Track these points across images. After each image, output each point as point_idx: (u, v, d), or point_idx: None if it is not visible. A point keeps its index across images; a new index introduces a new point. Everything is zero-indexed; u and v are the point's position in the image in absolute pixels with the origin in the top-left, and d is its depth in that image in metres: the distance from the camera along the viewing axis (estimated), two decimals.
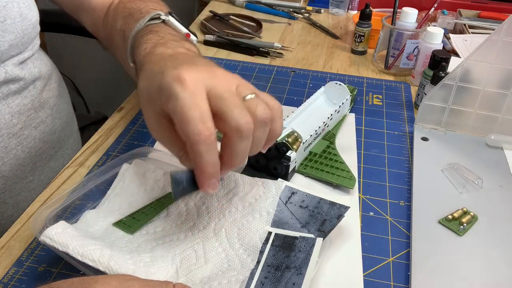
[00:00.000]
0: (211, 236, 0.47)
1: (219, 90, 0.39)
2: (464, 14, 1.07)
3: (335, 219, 0.48)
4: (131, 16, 0.58)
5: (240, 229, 0.47)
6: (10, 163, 0.63)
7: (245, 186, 0.50)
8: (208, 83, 0.40)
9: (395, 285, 0.46)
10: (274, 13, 1.16)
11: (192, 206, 0.50)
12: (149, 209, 0.51)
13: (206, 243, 0.46)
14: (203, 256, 0.45)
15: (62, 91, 0.74)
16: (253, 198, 0.49)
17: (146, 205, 0.51)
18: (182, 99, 0.38)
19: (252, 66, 0.88)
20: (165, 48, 0.49)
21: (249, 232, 0.46)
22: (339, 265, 0.48)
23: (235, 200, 0.49)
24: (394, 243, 0.51)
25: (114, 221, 0.49)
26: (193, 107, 0.38)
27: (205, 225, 0.48)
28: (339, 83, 0.70)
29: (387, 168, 0.62)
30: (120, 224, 0.49)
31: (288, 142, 0.57)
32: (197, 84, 0.39)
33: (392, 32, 0.88)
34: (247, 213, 0.48)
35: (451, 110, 0.68)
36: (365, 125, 0.71)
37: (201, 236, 0.47)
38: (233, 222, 0.47)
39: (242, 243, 0.46)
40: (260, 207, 0.48)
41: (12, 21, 0.57)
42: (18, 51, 0.60)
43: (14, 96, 0.61)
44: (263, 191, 0.49)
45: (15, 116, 0.61)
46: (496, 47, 0.62)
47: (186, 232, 0.48)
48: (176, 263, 0.44)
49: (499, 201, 0.56)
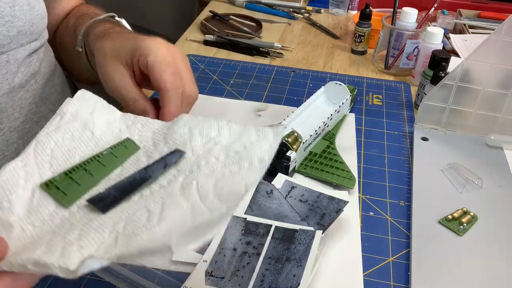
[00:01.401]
0: (176, 192, 0.36)
1: (182, 60, 0.54)
2: (464, 14, 1.07)
3: (334, 213, 0.49)
4: (86, 15, 0.66)
5: (218, 181, 0.36)
6: (11, 157, 0.63)
7: (231, 134, 0.41)
8: (175, 53, 0.54)
9: (395, 285, 0.46)
10: (274, 13, 1.16)
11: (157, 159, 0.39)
12: (95, 166, 0.37)
13: (167, 200, 0.35)
14: (158, 214, 0.33)
15: (65, 88, 0.75)
16: (242, 146, 0.39)
17: (91, 157, 0.38)
18: (160, 56, 0.51)
19: (252, 66, 0.88)
20: (121, 28, 0.60)
21: (232, 182, 0.36)
22: (339, 265, 0.48)
23: (216, 149, 0.39)
24: (394, 243, 0.51)
25: (43, 179, 0.35)
26: (170, 64, 0.51)
27: (170, 179, 0.37)
28: (339, 83, 0.70)
29: (387, 168, 0.62)
30: (51, 187, 0.35)
31: (288, 142, 0.57)
32: (169, 50, 0.53)
33: (392, 32, 0.88)
34: (231, 163, 0.38)
35: (451, 110, 0.68)
36: (365, 125, 0.71)
37: (163, 193, 0.36)
38: (210, 173, 0.37)
39: (219, 194, 0.35)
40: (250, 155, 0.38)
41: (21, 8, 0.58)
42: (27, 40, 0.60)
43: (17, 90, 0.61)
44: (256, 138, 0.40)
45: (16, 110, 0.62)
46: (496, 47, 0.62)
47: (143, 191, 0.36)
48: (117, 230, 0.33)
49: (499, 201, 0.56)
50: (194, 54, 0.92)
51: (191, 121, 0.42)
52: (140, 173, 0.37)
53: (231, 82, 0.82)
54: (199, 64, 0.88)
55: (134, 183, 0.37)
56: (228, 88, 0.80)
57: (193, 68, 0.85)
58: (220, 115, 0.71)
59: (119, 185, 0.36)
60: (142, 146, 0.41)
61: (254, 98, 0.77)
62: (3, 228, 0.33)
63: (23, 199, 0.34)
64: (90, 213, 0.34)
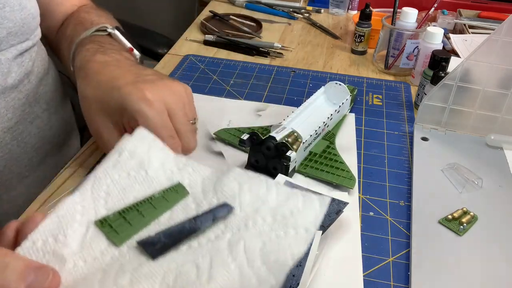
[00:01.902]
0: (223, 249, 0.36)
1: (174, 108, 0.49)
2: (464, 14, 1.07)
3: (334, 214, 0.48)
4: (81, 25, 0.63)
5: (265, 244, 0.36)
6: (5, 158, 0.63)
7: (279, 195, 0.40)
8: (167, 100, 0.49)
9: (395, 285, 0.46)
10: (274, 13, 1.16)
11: (206, 210, 0.40)
12: (147, 208, 0.38)
13: (215, 257, 0.35)
14: (206, 272, 0.34)
15: (59, 87, 0.74)
16: (289, 211, 0.39)
17: (144, 200, 0.39)
18: (152, 119, 0.46)
19: (252, 66, 0.88)
20: (103, 55, 0.54)
21: (278, 249, 0.36)
22: (339, 265, 0.48)
23: (264, 209, 0.39)
24: (394, 243, 0.51)
25: (97, 215, 0.37)
26: (164, 126, 0.47)
27: (218, 234, 0.37)
28: (339, 83, 0.70)
29: (387, 168, 0.62)
30: (105, 225, 0.36)
31: (288, 142, 0.57)
32: (161, 103, 0.48)
33: (392, 32, 0.88)
34: (278, 227, 0.38)
35: (451, 110, 0.68)
36: (365, 125, 0.71)
37: (210, 247, 0.36)
38: (258, 235, 0.37)
39: (266, 260, 0.35)
40: (296, 223, 0.38)
41: (11, 9, 0.57)
42: (17, 41, 0.59)
43: (10, 90, 0.61)
44: (302, 204, 0.39)
45: (10, 111, 0.61)
46: (496, 47, 0.62)
47: (192, 242, 0.37)
48: (167, 282, 0.33)
49: (499, 201, 0.56)
50: (194, 54, 0.92)
51: (241, 176, 0.42)
52: (189, 223, 0.38)
53: (231, 82, 0.82)
54: (199, 64, 0.88)
55: (183, 231, 0.37)
56: (228, 88, 0.80)
57: (193, 68, 0.86)
58: (220, 115, 0.71)
59: (169, 232, 0.37)
60: (191, 192, 0.41)
61: (254, 98, 0.77)
62: (57, 261, 0.33)
63: (78, 234, 0.35)
64: (140, 256, 0.35)
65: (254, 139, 0.57)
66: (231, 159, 0.62)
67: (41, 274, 0.30)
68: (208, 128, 0.68)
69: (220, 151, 0.63)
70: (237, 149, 0.64)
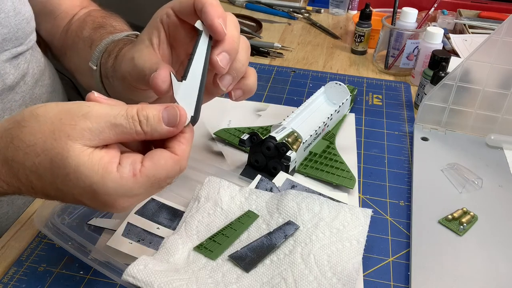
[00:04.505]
0: (299, 262, 0.44)
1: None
2: (464, 14, 1.07)
3: None
4: (103, 28, 0.63)
5: (330, 257, 0.44)
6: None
7: (330, 210, 0.48)
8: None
9: (395, 285, 0.46)
10: (274, 13, 1.16)
11: (274, 227, 0.47)
12: (229, 231, 0.47)
13: (294, 269, 0.43)
14: (293, 285, 0.42)
15: (56, 87, 0.74)
16: (341, 225, 0.47)
17: (225, 226, 0.48)
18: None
19: (252, 66, 0.88)
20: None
21: (341, 260, 0.43)
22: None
23: (322, 225, 0.46)
24: (394, 243, 0.51)
25: (193, 245, 0.46)
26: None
27: (291, 249, 0.45)
28: (339, 83, 0.70)
29: (387, 168, 0.62)
30: (201, 248, 0.45)
31: (288, 142, 0.57)
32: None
33: (392, 32, 0.88)
34: (335, 240, 0.45)
35: (451, 110, 0.68)
36: (365, 125, 0.71)
37: (288, 261, 0.44)
38: (322, 248, 0.44)
39: (335, 271, 0.43)
40: (349, 235, 0.46)
41: (6, 15, 0.57)
42: (12, 45, 0.59)
43: (6, 92, 0.61)
44: (350, 217, 0.47)
45: (6, 112, 0.61)
46: (496, 47, 0.62)
47: (271, 256, 0.45)
48: None
49: (499, 201, 0.56)
50: None
51: (297, 197, 0.49)
52: (266, 239, 0.46)
53: None
54: None
55: (263, 247, 0.45)
56: None
57: None
58: (220, 115, 0.71)
59: (252, 247, 0.45)
60: (260, 214, 0.49)
61: (254, 98, 0.77)
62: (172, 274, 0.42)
63: (182, 258, 0.44)
64: (234, 267, 0.43)
65: (254, 139, 0.57)
66: (231, 159, 0.62)
67: (170, 110, 0.37)
68: (208, 128, 0.68)
69: (220, 151, 0.63)
70: (237, 149, 0.64)
